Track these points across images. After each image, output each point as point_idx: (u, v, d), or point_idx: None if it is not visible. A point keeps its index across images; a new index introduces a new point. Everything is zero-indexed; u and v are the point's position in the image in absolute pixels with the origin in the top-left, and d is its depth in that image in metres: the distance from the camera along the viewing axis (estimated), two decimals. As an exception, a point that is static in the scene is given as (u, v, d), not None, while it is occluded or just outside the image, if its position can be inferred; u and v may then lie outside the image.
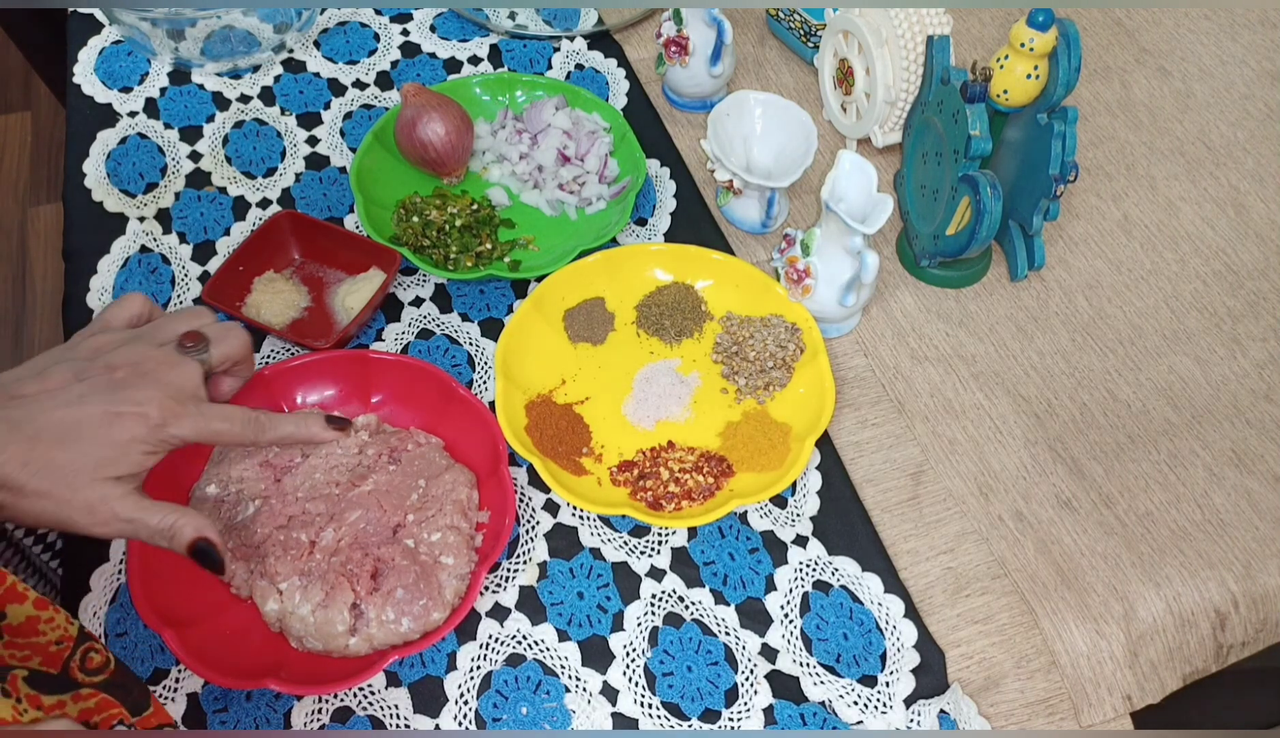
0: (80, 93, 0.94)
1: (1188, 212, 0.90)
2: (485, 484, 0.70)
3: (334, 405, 0.73)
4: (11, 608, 0.50)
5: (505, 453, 0.69)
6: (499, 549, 0.65)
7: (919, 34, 0.83)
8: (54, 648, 0.50)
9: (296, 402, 0.73)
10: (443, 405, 0.72)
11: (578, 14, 1.03)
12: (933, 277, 0.84)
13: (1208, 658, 0.69)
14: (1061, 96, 0.73)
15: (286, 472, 0.69)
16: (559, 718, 0.63)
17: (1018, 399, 0.78)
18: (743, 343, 0.77)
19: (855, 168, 0.74)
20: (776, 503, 0.72)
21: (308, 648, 0.63)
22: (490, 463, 0.69)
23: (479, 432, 0.71)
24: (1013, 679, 0.66)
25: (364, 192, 0.83)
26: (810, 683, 0.65)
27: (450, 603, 0.64)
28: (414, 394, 0.73)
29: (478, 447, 0.71)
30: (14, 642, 0.50)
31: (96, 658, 0.52)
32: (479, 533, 0.68)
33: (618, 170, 0.89)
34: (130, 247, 0.84)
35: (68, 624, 0.51)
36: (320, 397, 0.73)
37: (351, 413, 0.73)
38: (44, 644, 0.50)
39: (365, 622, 0.63)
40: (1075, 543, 0.71)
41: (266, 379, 0.72)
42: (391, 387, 0.73)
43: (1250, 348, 0.81)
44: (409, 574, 0.64)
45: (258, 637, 0.64)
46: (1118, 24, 1.06)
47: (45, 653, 0.50)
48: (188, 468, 0.69)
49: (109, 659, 0.52)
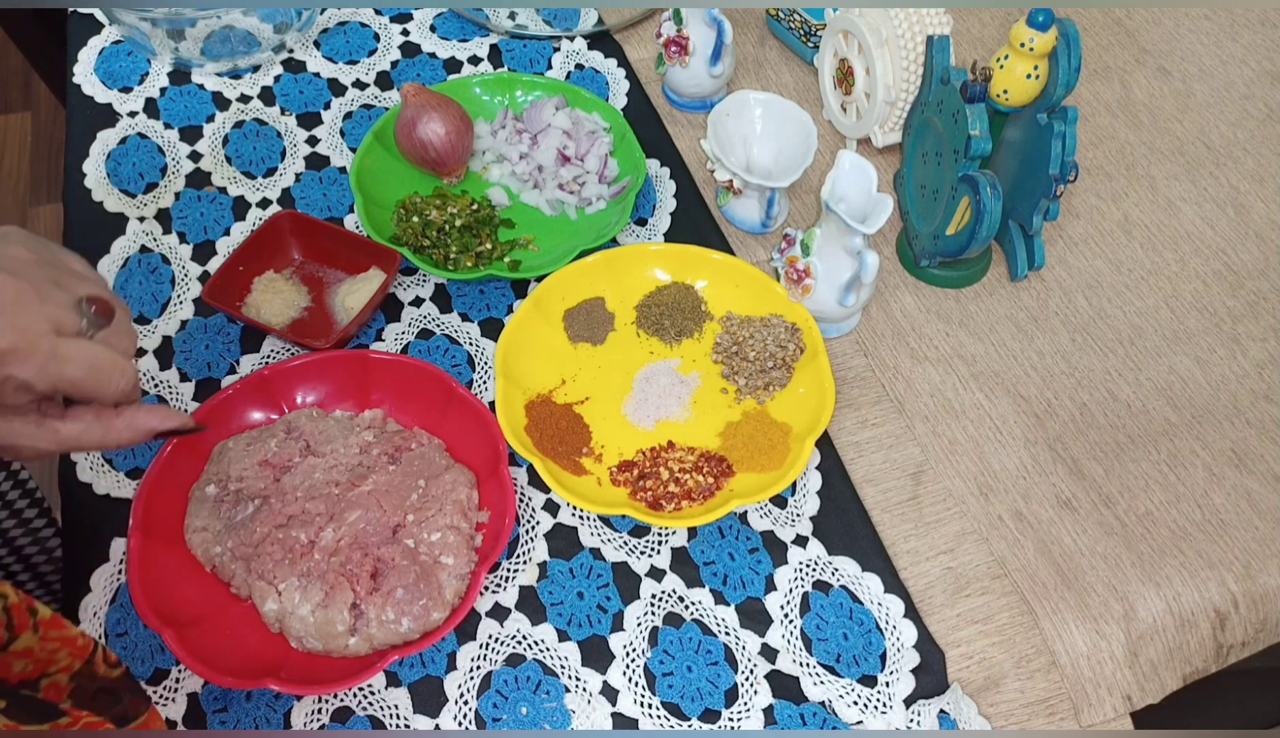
0: (80, 93, 0.94)
1: (1188, 212, 0.90)
2: (485, 485, 0.70)
3: (333, 405, 0.73)
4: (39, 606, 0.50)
5: (505, 453, 0.69)
6: (499, 549, 0.65)
7: (919, 34, 0.83)
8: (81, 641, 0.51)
9: (296, 402, 0.73)
10: (443, 405, 0.72)
11: (578, 14, 1.03)
12: (933, 277, 0.84)
13: (1208, 658, 0.69)
14: (1061, 96, 0.73)
15: (286, 470, 0.69)
16: (559, 718, 0.63)
17: (1018, 399, 0.78)
18: (743, 343, 0.77)
19: (855, 168, 0.74)
20: (776, 503, 0.72)
21: (308, 648, 0.63)
22: (490, 463, 0.69)
23: (479, 432, 0.71)
24: (1013, 679, 0.66)
25: (364, 192, 0.83)
26: (810, 683, 0.65)
27: (450, 603, 0.64)
28: (414, 394, 0.73)
29: (478, 447, 0.71)
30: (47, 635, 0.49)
31: (113, 656, 0.52)
32: (479, 533, 0.68)
33: (618, 170, 0.89)
34: (130, 247, 0.84)
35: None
36: (319, 396, 0.74)
37: (347, 403, 0.74)
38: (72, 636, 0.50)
39: (365, 622, 0.63)
40: (1075, 543, 0.71)
41: (266, 379, 0.72)
42: (391, 386, 0.73)
43: (1250, 348, 0.81)
44: (409, 574, 0.64)
45: (257, 637, 0.64)
46: (1118, 24, 1.06)
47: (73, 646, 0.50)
48: (188, 469, 0.69)
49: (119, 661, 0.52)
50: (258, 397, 0.72)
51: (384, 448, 0.70)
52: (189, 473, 0.70)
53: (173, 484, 0.68)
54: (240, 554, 0.66)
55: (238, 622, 0.64)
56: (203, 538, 0.67)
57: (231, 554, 0.66)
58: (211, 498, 0.68)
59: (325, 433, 0.71)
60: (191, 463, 0.70)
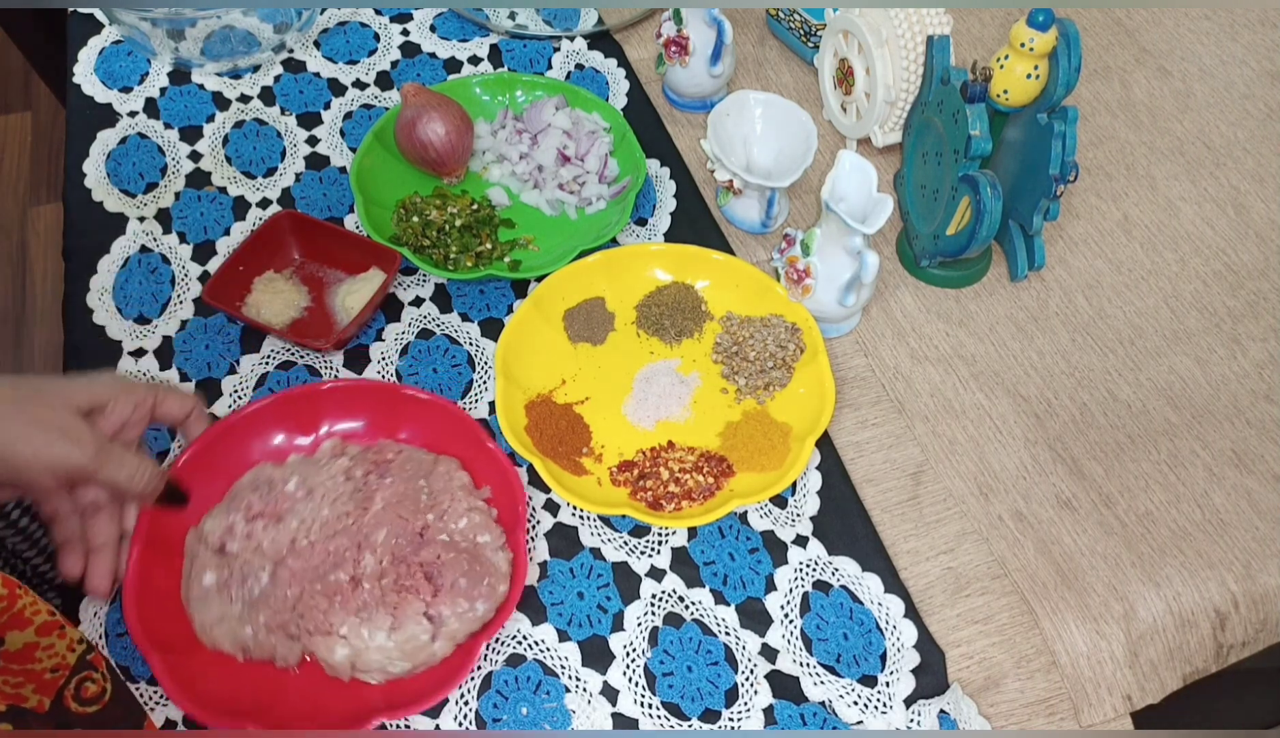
0: (80, 93, 0.94)
1: (1188, 212, 0.90)
2: (472, 464, 0.70)
3: (284, 454, 0.71)
4: (11, 635, 0.49)
5: (476, 424, 0.70)
6: (522, 512, 0.66)
7: (919, 34, 0.83)
8: (49, 676, 0.50)
9: (253, 459, 0.71)
10: (391, 411, 0.72)
11: (578, 14, 1.03)
12: (933, 277, 0.84)
13: (1208, 658, 0.69)
14: (1061, 96, 0.73)
15: (277, 519, 0.66)
16: (559, 718, 0.63)
17: (1018, 399, 0.78)
18: (743, 343, 0.77)
19: (855, 168, 0.74)
20: (776, 503, 0.72)
21: (392, 675, 0.62)
22: (465, 442, 0.70)
23: (440, 419, 0.71)
24: (1013, 679, 0.66)
25: (364, 192, 0.83)
26: (810, 683, 0.65)
27: (506, 573, 0.64)
28: (361, 412, 0.72)
29: (444, 432, 0.71)
30: (8, 668, 0.49)
31: (92, 688, 0.51)
32: (492, 507, 0.68)
33: (618, 170, 0.89)
34: (130, 246, 0.84)
35: (68, 651, 0.51)
36: (277, 441, 0.71)
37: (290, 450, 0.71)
38: (39, 671, 0.50)
39: (442, 622, 0.62)
40: (1075, 543, 0.71)
41: (214, 446, 0.69)
42: (338, 413, 0.72)
43: (1250, 348, 0.81)
44: (461, 563, 0.64)
45: (335, 697, 0.62)
46: (1118, 24, 1.06)
47: (40, 680, 0.50)
48: (163, 572, 0.65)
49: (105, 690, 0.52)
50: (207, 468, 0.68)
51: (365, 467, 0.69)
52: (165, 577, 0.65)
53: (155, 596, 0.64)
54: (276, 624, 0.62)
55: (300, 695, 0.62)
56: (226, 628, 0.63)
57: (266, 629, 0.62)
58: (214, 586, 0.64)
59: (300, 475, 0.68)
60: (161, 561, 0.65)
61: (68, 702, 0.50)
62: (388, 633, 0.62)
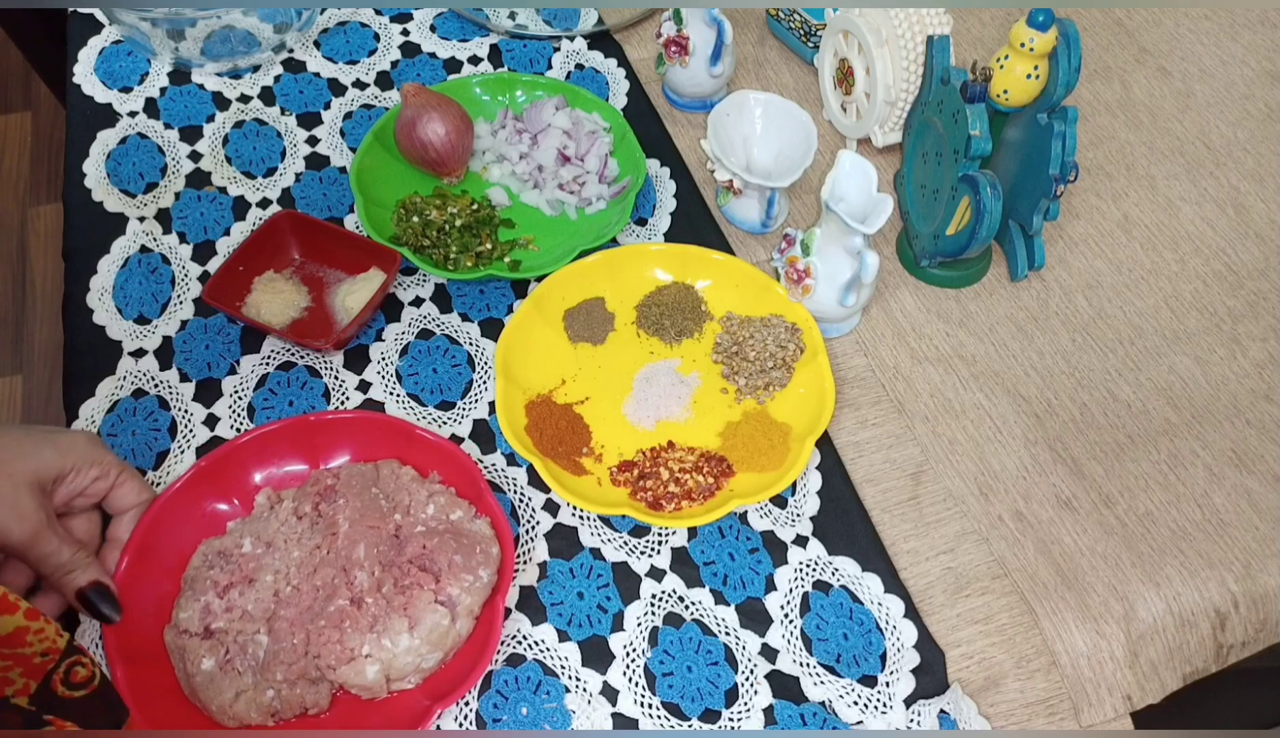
0: (80, 93, 0.94)
1: (1188, 212, 0.90)
2: (411, 459, 0.70)
3: (221, 523, 0.69)
4: (2, 619, 0.49)
5: (398, 421, 0.70)
6: (479, 477, 0.67)
7: (919, 34, 0.83)
8: (38, 660, 0.50)
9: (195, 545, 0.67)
10: (308, 441, 0.70)
11: (578, 14, 1.03)
12: (933, 277, 0.84)
13: (1208, 658, 0.69)
14: (1061, 96, 0.73)
15: (249, 581, 0.65)
16: (559, 718, 0.63)
17: (1018, 399, 0.78)
18: (743, 343, 0.77)
19: (855, 168, 0.74)
20: (776, 503, 0.72)
21: (426, 671, 0.62)
22: (394, 441, 0.70)
23: (359, 432, 0.71)
24: (1013, 679, 0.66)
25: (364, 192, 0.83)
26: (810, 683, 0.65)
27: (492, 536, 0.65)
28: (279, 455, 0.70)
29: (370, 441, 0.71)
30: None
31: (82, 672, 0.51)
32: (449, 487, 0.69)
33: (618, 170, 0.89)
34: (130, 246, 0.84)
35: (57, 636, 0.51)
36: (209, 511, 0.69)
37: (224, 516, 0.69)
38: (29, 655, 0.50)
39: (455, 602, 0.63)
40: (1075, 543, 0.71)
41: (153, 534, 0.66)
42: (261, 461, 0.70)
43: (1250, 348, 0.81)
44: (448, 543, 0.64)
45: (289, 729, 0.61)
46: (1118, 24, 1.06)
47: (29, 665, 0.50)
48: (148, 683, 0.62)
49: (94, 675, 0.52)
50: (149, 564, 0.65)
51: (311, 500, 0.68)
52: (160, 677, 0.63)
53: (159, 711, 0.61)
54: (295, 675, 0.61)
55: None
56: (246, 701, 0.61)
57: (288, 684, 0.61)
58: (215, 669, 0.62)
59: (250, 534, 0.67)
60: (148, 676, 0.62)
61: (55, 686, 0.50)
62: (409, 633, 0.61)
